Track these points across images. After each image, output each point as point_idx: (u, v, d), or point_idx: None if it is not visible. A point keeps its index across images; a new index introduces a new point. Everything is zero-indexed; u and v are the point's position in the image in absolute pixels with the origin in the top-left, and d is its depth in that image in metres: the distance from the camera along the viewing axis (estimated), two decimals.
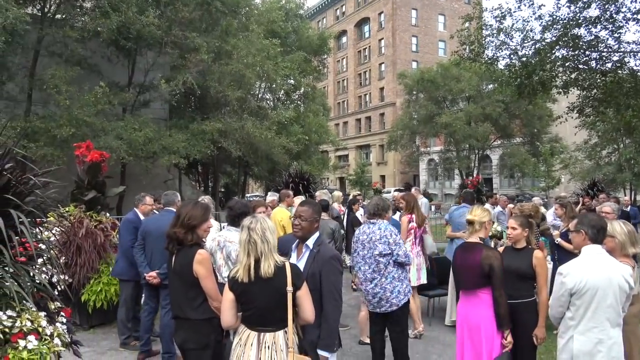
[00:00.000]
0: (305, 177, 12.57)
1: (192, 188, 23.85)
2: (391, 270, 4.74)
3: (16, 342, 3.13)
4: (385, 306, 4.74)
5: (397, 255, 4.71)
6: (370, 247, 4.79)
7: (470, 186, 15.90)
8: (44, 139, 14.24)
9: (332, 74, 61.19)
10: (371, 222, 4.94)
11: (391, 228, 4.88)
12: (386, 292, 4.71)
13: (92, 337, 6.27)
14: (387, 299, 4.72)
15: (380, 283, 4.73)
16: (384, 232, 4.77)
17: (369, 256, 4.79)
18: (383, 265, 4.73)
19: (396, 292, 4.72)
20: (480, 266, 3.67)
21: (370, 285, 4.77)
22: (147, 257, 5.47)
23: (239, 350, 2.90)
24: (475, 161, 35.38)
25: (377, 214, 4.91)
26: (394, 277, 4.74)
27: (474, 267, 3.71)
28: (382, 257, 4.72)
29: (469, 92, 32.97)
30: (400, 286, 4.74)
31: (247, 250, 2.88)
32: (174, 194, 5.88)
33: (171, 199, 5.73)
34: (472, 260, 3.74)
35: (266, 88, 24.25)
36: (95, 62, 16.52)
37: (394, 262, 4.75)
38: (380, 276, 4.73)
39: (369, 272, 4.79)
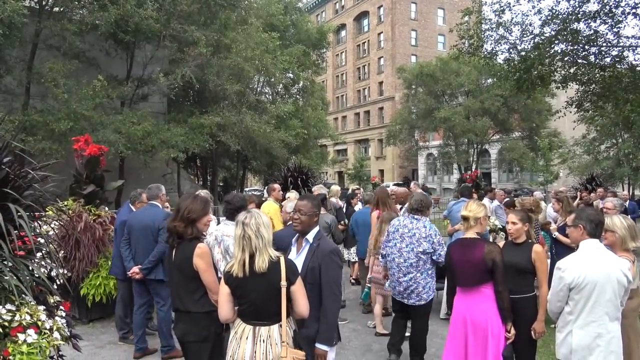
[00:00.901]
0: (304, 172, 12.55)
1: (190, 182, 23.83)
2: (428, 267, 4.99)
3: (15, 336, 3.14)
4: (415, 299, 4.98)
5: (439, 255, 4.93)
6: (413, 243, 4.98)
7: (469, 180, 15.90)
8: (42, 132, 14.21)
9: (331, 68, 61.06)
10: (414, 217, 5.12)
11: (435, 227, 5.11)
12: (419, 287, 4.95)
13: (92, 331, 6.28)
14: (419, 293, 4.96)
15: (415, 278, 4.96)
16: (429, 231, 4.98)
17: (409, 250, 4.99)
18: (422, 262, 4.96)
19: (427, 287, 4.98)
20: (483, 262, 3.67)
21: (404, 278, 4.99)
22: (132, 251, 5.46)
23: (235, 344, 2.92)
24: (474, 155, 35.39)
25: (419, 210, 5.12)
26: (428, 274, 5.00)
27: (475, 263, 3.70)
28: (424, 254, 4.95)
29: (468, 87, 32.95)
30: (431, 282, 5.01)
31: (242, 246, 2.89)
32: (158, 187, 5.83)
33: (155, 192, 5.70)
34: (474, 256, 3.72)
35: (265, 82, 24.19)
36: (94, 56, 16.47)
37: (431, 259, 4.98)
38: (416, 271, 4.95)
39: (405, 266, 5.00)
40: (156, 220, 5.26)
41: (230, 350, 2.91)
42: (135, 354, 5.43)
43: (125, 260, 5.49)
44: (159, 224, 5.19)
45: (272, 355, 2.83)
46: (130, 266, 5.37)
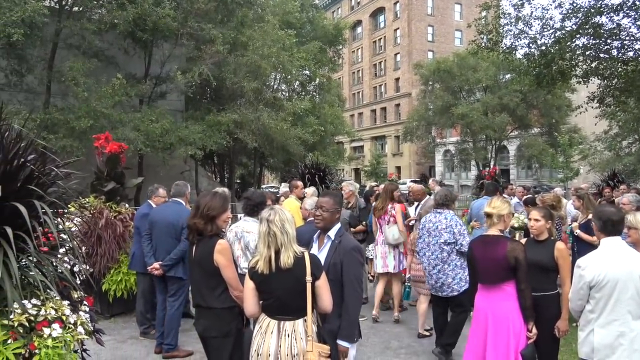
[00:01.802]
0: (321, 169, 12.52)
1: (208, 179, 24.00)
2: (454, 258, 5.11)
3: (41, 330, 3.19)
4: (447, 291, 5.14)
5: (460, 244, 5.05)
6: (436, 235, 5.18)
7: (487, 177, 15.75)
8: (63, 130, 14.43)
9: (347, 65, 60.88)
10: (437, 211, 5.33)
11: (457, 218, 5.27)
12: (448, 278, 5.11)
13: (113, 326, 6.36)
14: (449, 285, 5.11)
15: (443, 269, 5.13)
16: (449, 222, 5.16)
17: (434, 243, 5.19)
18: (446, 253, 5.12)
19: (457, 279, 5.08)
20: (506, 259, 3.61)
21: (434, 271, 5.18)
22: (153, 247, 5.48)
23: (260, 338, 2.93)
24: (492, 152, 35.03)
25: (444, 204, 5.33)
26: (457, 265, 5.10)
27: (498, 260, 3.65)
28: (447, 245, 5.11)
29: (486, 82, 32.60)
30: (462, 274, 5.07)
31: (267, 242, 2.90)
32: (185, 184, 5.84)
33: (181, 190, 5.69)
34: (496, 254, 3.67)
35: (281, 79, 24.23)
36: (112, 54, 16.66)
37: (457, 251, 5.08)
38: (443, 263, 5.13)
39: (433, 259, 5.19)
40: (180, 219, 5.23)
41: (255, 345, 2.93)
42: (156, 349, 5.49)
43: (146, 256, 5.52)
44: (182, 222, 5.15)
45: (297, 349, 2.85)
46: (151, 262, 5.40)
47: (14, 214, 3.22)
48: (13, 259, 3.11)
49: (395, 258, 6.56)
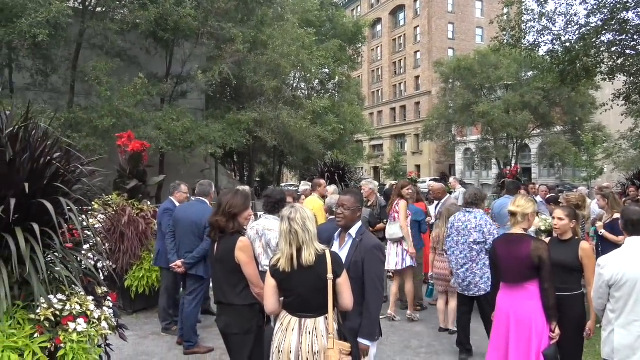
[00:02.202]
0: (341, 167, 12.53)
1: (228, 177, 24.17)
2: (483, 257, 5.10)
3: (66, 325, 3.24)
4: (474, 290, 5.15)
5: (490, 244, 4.94)
6: (465, 235, 5.19)
7: (509, 176, 15.55)
8: (87, 129, 14.66)
9: (367, 63, 60.61)
10: (467, 210, 5.33)
11: (486, 218, 5.27)
12: (476, 277, 5.12)
13: (135, 322, 6.44)
14: (476, 284, 5.13)
15: (471, 268, 5.14)
16: (479, 221, 5.17)
17: (463, 242, 5.20)
18: (476, 252, 5.12)
19: (485, 278, 5.04)
20: (529, 258, 3.57)
21: (462, 269, 5.19)
22: (176, 244, 5.54)
23: (281, 335, 2.95)
24: (514, 150, 34.59)
25: (474, 203, 5.34)
26: (485, 264, 5.08)
27: (522, 259, 3.61)
28: (476, 244, 5.12)
29: (507, 80, 32.19)
30: (489, 273, 4.91)
31: (289, 240, 2.92)
32: (210, 184, 5.89)
33: (206, 189, 5.74)
34: (520, 253, 3.62)
35: (301, 78, 24.27)
36: (134, 54, 16.87)
37: (486, 250, 5.06)
38: (471, 262, 5.14)
39: (461, 258, 5.21)
40: (204, 218, 5.25)
41: (276, 342, 2.95)
42: (178, 340, 5.53)
43: (169, 253, 5.58)
44: (206, 221, 5.18)
45: (318, 347, 2.85)
46: (174, 259, 5.46)
47: (40, 210, 3.28)
48: (40, 255, 3.17)
49: (398, 255, 6.46)
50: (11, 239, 3.07)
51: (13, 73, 15.43)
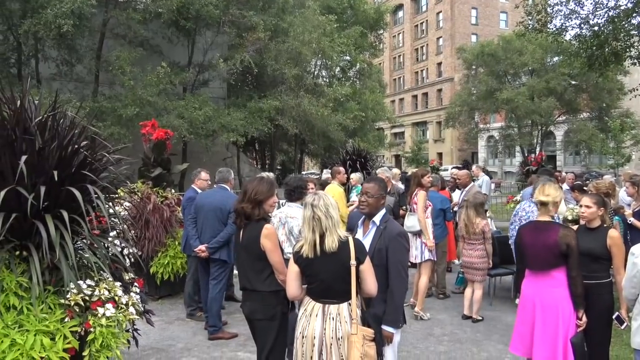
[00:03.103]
0: (362, 155, 12.49)
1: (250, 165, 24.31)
2: None
3: (95, 310, 3.32)
4: None
5: None
6: None
7: (533, 163, 15.31)
8: (111, 118, 14.88)
9: (388, 50, 60.06)
10: (532, 200, 5.19)
11: None
12: None
13: (161, 307, 6.55)
14: None
15: None
16: None
17: None
18: None
19: None
20: (557, 245, 3.53)
21: None
22: (199, 230, 5.60)
23: (304, 321, 2.97)
24: (538, 138, 34.03)
25: None
26: None
27: (549, 246, 3.56)
28: None
29: (532, 66, 31.56)
30: None
31: (312, 227, 2.93)
32: (228, 171, 5.94)
33: (225, 176, 5.80)
34: (548, 240, 3.58)
35: (322, 65, 24.16)
36: (157, 43, 17.02)
37: None
38: None
39: None
40: (227, 204, 5.34)
41: (300, 327, 2.97)
42: (205, 325, 5.62)
43: (191, 239, 5.66)
44: (229, 207, 5.24)
45: (342, 332, 2.87)
46: (196, 245, 5.53)
47: (68, 198, 3.35)
48: (69, 241, 3.24)
49: (416, 248, 6.22)
50: (42, 226, 3.15)
51: (39, 63, 15.71)
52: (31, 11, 14.13)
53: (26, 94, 3.57)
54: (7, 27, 14.92)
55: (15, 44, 15.26)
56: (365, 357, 2.82)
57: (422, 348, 5.24)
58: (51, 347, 3.04)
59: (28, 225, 3.29)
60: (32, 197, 3.12)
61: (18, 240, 3.34)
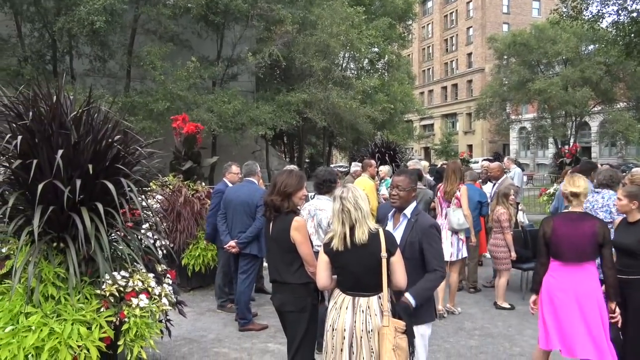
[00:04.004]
0: (392, 147, 12.40)
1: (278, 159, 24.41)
2: None
3: (130, 300, 3.40)
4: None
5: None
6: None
7: (567, 155, 14.95)
8: (142, 113, 15.14)
9: (417, 41, 59.23)
10: (596, 191, 5.15)
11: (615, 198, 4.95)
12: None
13: (192, 299, 6.66)
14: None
15: None
16: (606, 201, 4.97)
17: None
18: None
19: None
20: (595, 236, 3.47)
21: None
22: (229, 225, 5.62)
23: (334, 313, 2.97)
24: (572, 129, 33.17)
25: (607, 184, 5.12)
26: None
27: (586, 238, 3.50)
28: None
29: (566, 55, 30.71)
30: None
31: (342, 219, 2.92)
32: (255, 163, 5.96)
33: (252, 168, 5.82)
34: (584, 231, 3.51)
35: (350, 57, 24.03)
36: (186, 38, 17.21)
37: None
38: None
39: None
40: (254, 197, 5.38)
41: (330, 320, 2.97)
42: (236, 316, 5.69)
43: (221, 234, 5.69)
44: (257, 201, 5.29)
45: (372, 325, 2.86)
46: (227, 240, 5.56)
47: (103, 191, 3.43)
48: (104, 233, 3.32)
49: (452, 244, 6.00)
50: (78, 218, 3.23)
51: (73, 60, 16.08)
52: (65, 8, 14.45)
53: (61, 89, 3.66)
54: (43, 25, 15.30)
55: (50, 41, 15.64)
56: (397, 349, 2.80)
57: (453, 342, 5.19)
58: (88, 336, 3.12)
59: (65, 218, 3.38)
60: (68, 190, 3.19)
61: (55, 232, 3.43)
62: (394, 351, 2.78)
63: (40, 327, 3.08)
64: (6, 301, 3.23)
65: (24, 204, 3.53)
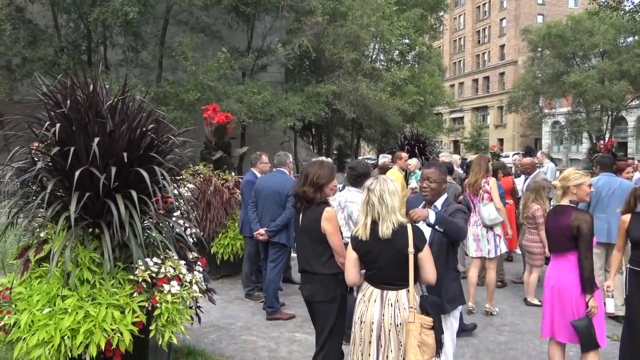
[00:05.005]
0: (421, 140, 12.26)
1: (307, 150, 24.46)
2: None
3: (161, 287, 3.45)
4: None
5: None
6: None
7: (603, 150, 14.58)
8: (174, 103, 15.36)
9: (448, 33, 58.30)
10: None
11: None
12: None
13: (221, 287, 6.74)
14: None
15: None
16: None
17: None
18: None
19: None
20: (569, 228, 3.54)
21: None
22: (259, 214, 5.69)
23: (363, 306, 2.97)
24: (608, 123, 32.23)
25: None
26: None
27: (563, 229, 3.59)
28: None
29: (603, 47, 29.79)
30: None
31: (366, 211, 2.93)
32: (286, 154, 6.00)
33: (283, 159, 5.87)
34: (562, 223, 3.60)
35: (380, 49, 23.83)
36: (217, 29, 17.35)
37: None
38: None
39: None
40: (285, 187, 5.44)
41: (359, 312, 2.98)
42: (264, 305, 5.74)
43: (252, 223, 5.76)
44: (287, 191, 5.34)
45: (401, 319, 2.85)
46: (257, 228, 5.63)
47: (137, 179, 3.49)
48: (137, 220, 3.38)
49: (489, 241, 5.78)
50: (113, 205, 3.29)
51: (107, 50, 16.39)
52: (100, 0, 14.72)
53: (97, 79, 3.73)
54: (78, 16, 15.62)
55: (85, 32, 15.97)
56: (423, 346, 2.78)
57: (482, 337, 5.14)
58: (121, 320, 3.19)
59: (100, 204, 3.45)
60: (103, 177, 3.26)
61: (91, 218, 3.51)
62: (419, 347, 2.76)
63: (76, 310, 3.16)
64: (44, 284, 3.33)
65: (62, 190, 3.62)
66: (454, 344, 3.39)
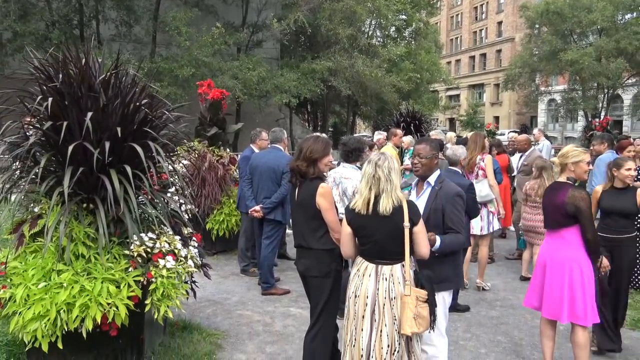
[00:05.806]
0: (417, 117, 12.23)
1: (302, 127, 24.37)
2: None
3: (157, 261, 3.47)
4: None
5: None
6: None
7: (598, 128, 14.58)
8: (168, 79, 15.20)
9: (446, 9, 57.77)
10: None
11: None
12: None
13: (216, 263, 6.78)
14: None
15: None
16: None
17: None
18: None
19: None
20: (564, 205, 3.55)
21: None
22: (254, 191, 5.69)
23: (357, 280, 2.99)
24: (604, 101, 32.15)
25: None
26: None
27: (558, 206, 3.60)
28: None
29: (601, 24, 29.53)
30: None
31: (370, 185, 2.90)
32: (281, 130, 5.98)
33: (278, 135, 5.85)
34: (557, 200, 3.62)
35: (377, 25, 23.58)
36: (212, 4, 17.10)
37: None
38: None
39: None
40: (280, 164, 5.43)
41: (353, 287, 3.00)
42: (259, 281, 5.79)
43: (247, 199, 5.76)
44: (283, 167, 5.34)
45: (395, 292, 2.88)
46: (252, 205, 5.64)
47: (131, 154, 3.47)
48: (132, 195, 3.38)
49: (482, 218, 5.83)
50: (107, 180, 3.28)
51: (100, 25, 16.14)
52: None
53: (90, 52, 3.67)
54: None
55: (77, 6, 15.69)
56: (418, 318, 2.82)
57: (474, 312, 5.21)
58: (116, 294, 3.21)
59: (94, 180, 3.44)
60: (97, 152, 3.24)
61: (85, 193, 3.50)
62: (415, 319, 2.80)
63: (72, 284, 3.18)
64: (39, 259, 3.34)
65: (55, 165, 3.60)
66: (447, 318, 3.43)
